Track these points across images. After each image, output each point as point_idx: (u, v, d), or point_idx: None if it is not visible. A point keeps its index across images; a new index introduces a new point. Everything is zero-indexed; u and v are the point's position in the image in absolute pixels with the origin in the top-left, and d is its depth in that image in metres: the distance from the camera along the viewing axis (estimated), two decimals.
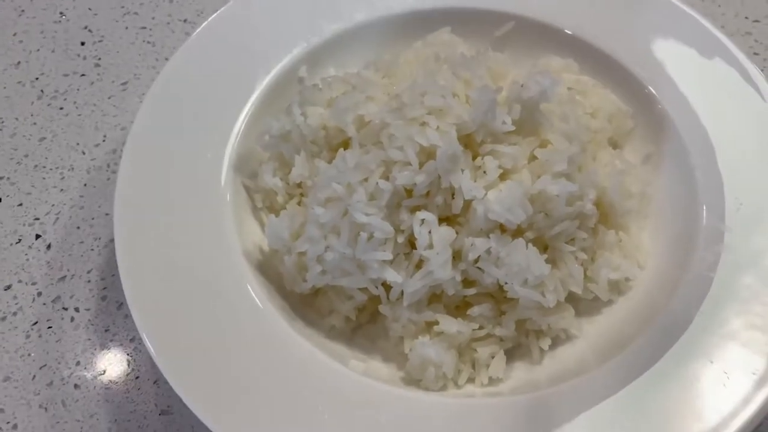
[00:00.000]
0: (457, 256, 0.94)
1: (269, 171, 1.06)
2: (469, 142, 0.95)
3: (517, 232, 0.95)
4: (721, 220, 1.00)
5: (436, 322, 0.93)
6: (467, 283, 0.96)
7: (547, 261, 0.95)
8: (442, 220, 0.95)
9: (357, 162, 0.94)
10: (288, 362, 0.89)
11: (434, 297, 0.97)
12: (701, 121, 1.09)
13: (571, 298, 1.00)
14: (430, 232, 0.92)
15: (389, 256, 0.92)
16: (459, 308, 0.97)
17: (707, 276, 0.96)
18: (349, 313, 0.98)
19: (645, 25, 1.19)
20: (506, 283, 0.92)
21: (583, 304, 1.02)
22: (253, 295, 0.94)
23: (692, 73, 1.13)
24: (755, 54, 1.36)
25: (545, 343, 0.97)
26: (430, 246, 0.91)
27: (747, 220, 0.99)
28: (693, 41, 1.16)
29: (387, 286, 0.95)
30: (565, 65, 1.18)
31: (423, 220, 0.92)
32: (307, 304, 1.01)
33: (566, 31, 1.21)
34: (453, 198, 0.93)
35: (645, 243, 1.06)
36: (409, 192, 0.93)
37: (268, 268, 1.00)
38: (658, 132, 1.13)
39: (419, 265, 0.93)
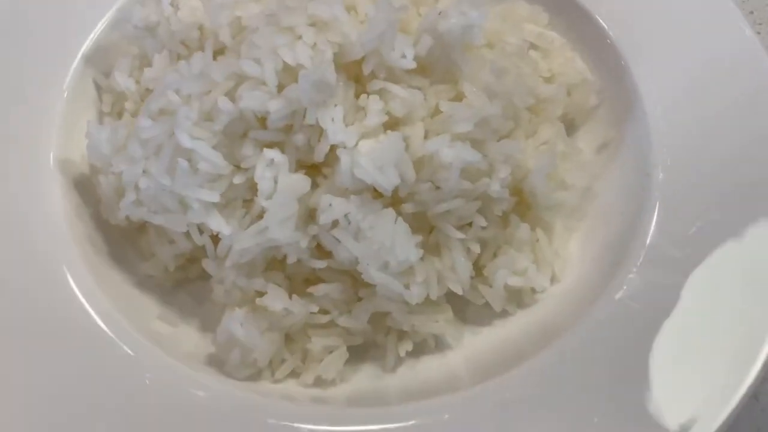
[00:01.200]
0: (311, 216, 0.72)
1: (125, 69, 0.85)
2: (355, 73, 0.73)
3: (395, 202, 0.73)
4: (673, 243, 0.76)
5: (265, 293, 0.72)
6: (322, 253, 0.74)
7: (424, 245, 0.74)
8: (301, 167, 0.73)
9: (203, 70, 0.72)
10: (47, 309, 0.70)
11: (276, 263, 0.75)
12: (680, 110, 0.84)
13: (457, 299, 0.78)
14: (276, 177, 0.70)
15: (215, 198, 0.71)
16: (309, 283, 0.76)
17: (630, 306, 0.73)
18: (168, 262, 0.77)
19: None
20: (355, 263, 0.71)
21: (471, 310, 0.80)
22: (44, 220, 0.75)
23: (683, 53, 0.88)
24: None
25: (405, 347, 0.75)
26: (272, 196, 0.70)
27: (704, 246, 0.76)
28: (695, 13, 0.91)
29: (217, 238, 0.74)
30: (532, 13, 0.94)
31: (272, 161, 0.70)
32: (131, 242, 0.81)
33: None
34: (319, 141, 0.71)
35: (571, 250, 0.83)
36: (261, 122, 0.72)
37: (90, 189, 0.80)
38: (624, 115, 0.89)
39: (261, 218, 0.72)
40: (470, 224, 0.76)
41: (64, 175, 0.79)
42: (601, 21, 0.92)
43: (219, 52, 0.80)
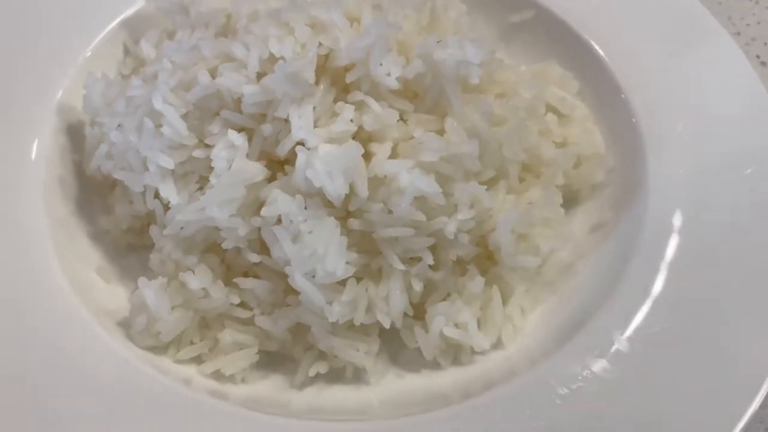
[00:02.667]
0: (260, 208, 0.71)
1: (151, 39, 0.89)
2: (341, 80, 0.73)
3: (345, 216, 0.71)
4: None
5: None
6: (262, 249, 0.73)
7: (366, 269, 0.71)
8: (267, 160, 0.73)
9: (196, 44, 0.74)
10: None
11: (217, 249, 0.74)
12: (686, 212, 0.78)
13: (395, 339, 0.74)
14: (232, 160, 0.70)
15: (170, 164, 0.71)
16: (247, 276, 0.75)
17: (555, 394, 0.66)
18: (122, 220, 0.78)
19: (694, 70, 0.89)
20: (288, 264, 0.68)
21: (405, 353, 0.75)
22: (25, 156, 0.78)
23: (707, 153, 0.82)
24: None
25: (319, 367, 0.72)
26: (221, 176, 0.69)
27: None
28: (728, 110, 0.84)
29: (168, 208, 0.74)
30: (563, 78, 0.91)
31: (232, 144, 0.70)
32: (100, 196, 0.82)
33: (591, 43, 0.93)
34: (285, 137, 0.71)
35: (530, 320, 0.77)
36: (237, 104, 0.72)
37: (81, 137, 0.83)
38: (626, 201, 0.83)
39: None
40: (420, 260, 0.72)
41: (61, 117, 0.82)
42: (631, 101, 0.88)
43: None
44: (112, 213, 0.80)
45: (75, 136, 0.83)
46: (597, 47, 0.92)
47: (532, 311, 0.78)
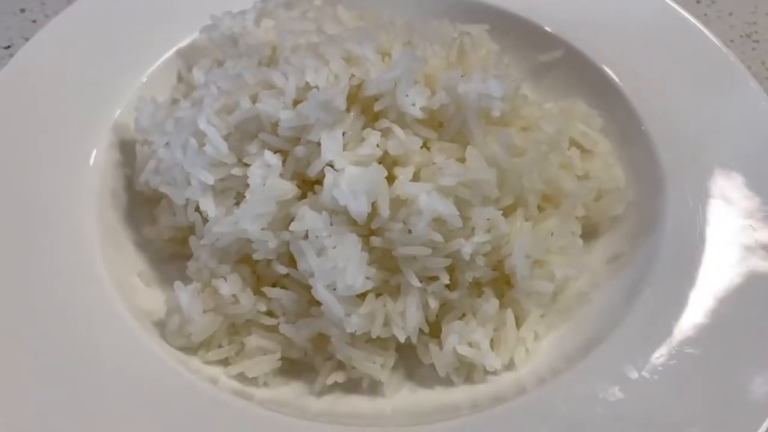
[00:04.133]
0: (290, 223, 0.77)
1: (203, 67, 0.96)
2: (371, 109, 0.78)
3: (367, 234, 0.76)
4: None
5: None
6: (290, 262, 0.78)
7: (385, 285, 0.75)
8: (299, 179, 0.78)
9: (240, 72, 0.81)
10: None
11: (249, 260, 0.80)
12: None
13: (411, 356, 0.78)
14: (266, 177, 0.76)
15: (210, 180, 0.77)
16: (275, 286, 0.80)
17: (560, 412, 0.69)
18: (165, 230, 0.84)
19: (717, 111, 0.91)
20: (312, 276, 0.73)
21: (421, 369, 0.79)
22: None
23: (725, 195, 0.84)
24: None
25: (336, 377, 0.76)
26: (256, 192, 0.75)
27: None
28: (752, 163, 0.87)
29: (206, 219, 0.80)
30: (588, 115, 0.94)
31: (267, 163, 0.76)
32: (148, 209, 0.89)
33: (616, 81, 0.97)
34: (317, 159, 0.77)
35: (540, 344, 0.80)
36: (274, 128, 0.78)
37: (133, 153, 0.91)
38: (643, 234, 0.85)
39: None
40: (437, 279, 0.76)
41: (116, 134, 0.90)
42: (653, 138, 0.91)
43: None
44: (157, 224, 0.86)
45: (127, 152, 0.90)
46: (622, 86, 0.96)
47: (546, 336, 0.81)
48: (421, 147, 0.77)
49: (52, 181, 0.84)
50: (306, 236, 0.75)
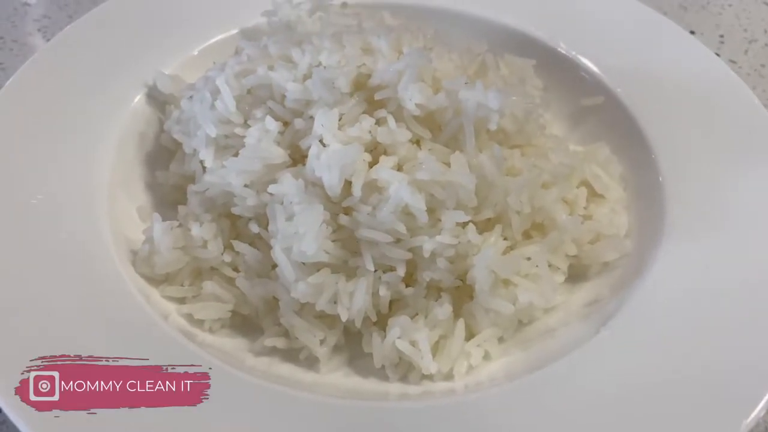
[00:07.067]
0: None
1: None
2: (372, 99, 0.81)
3: (338, 211, 0.78)
4: None
5: None
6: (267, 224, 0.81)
7: (345, 266, 0.77)
8: (292, 150, 0.82)
9: (267, 44, 0.87)
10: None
11: (233, 215, 0.83)
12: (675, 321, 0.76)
13: (355, 339, 0.79)
14: (261, 140, 0.80)
15: (213, 132, 0.83)
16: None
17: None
18: (171, 177, 0.90)
19: (745, 181, 0.86)
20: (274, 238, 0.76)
21: (362, 358, 0.78)
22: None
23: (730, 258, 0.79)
24: None
25: (277, 341, 0.77)
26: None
27: None
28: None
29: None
30: (608, 161, 0.93)
31: (267, 128, 0.81)
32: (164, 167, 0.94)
33: (646, 133, 0.94)
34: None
35: (488, 366, 0.77)
36: (282, 97, 0.83)
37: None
38: (625, 287, 0.81)
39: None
40: (394, 270, 0.77)
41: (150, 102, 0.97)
42: (668, 196, 0.87)
43: None
44: (168, 170, 0.93)
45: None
46: (652, 140, 0.93)
47: (498, 359, 0.79)
48: (413, 144, 0.79)
49: (94, 117, 0.92)
50: (282, 201, 0.79)
